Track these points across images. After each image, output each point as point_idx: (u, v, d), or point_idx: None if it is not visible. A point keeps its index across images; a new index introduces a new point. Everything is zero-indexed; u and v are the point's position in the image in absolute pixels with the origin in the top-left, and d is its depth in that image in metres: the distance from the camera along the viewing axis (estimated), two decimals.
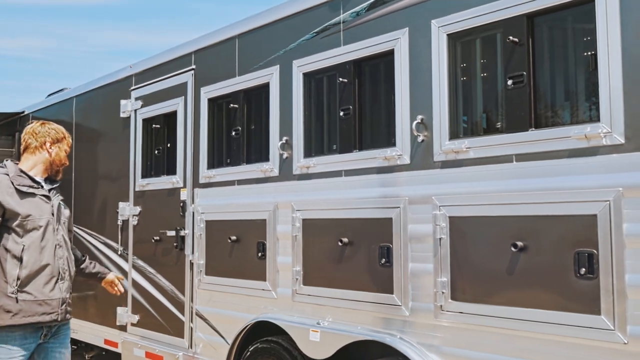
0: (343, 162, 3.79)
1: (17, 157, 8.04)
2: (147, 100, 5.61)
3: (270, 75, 4.33)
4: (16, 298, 3.11)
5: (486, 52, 3.20)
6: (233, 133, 4.63)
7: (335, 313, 3.78)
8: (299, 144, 4.09)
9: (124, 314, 5.71)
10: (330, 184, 3.85)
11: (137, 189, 5.68)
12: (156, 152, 5.50)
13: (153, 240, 5.36)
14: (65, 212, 3.48)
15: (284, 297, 4.12)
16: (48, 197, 3.33)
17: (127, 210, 5.76)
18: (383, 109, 3.71)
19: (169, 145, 5.40)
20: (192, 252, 4.93)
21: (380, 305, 3.51)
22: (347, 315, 3.71)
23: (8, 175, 3.24)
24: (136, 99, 5.75)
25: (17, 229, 3.19)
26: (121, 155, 5.92)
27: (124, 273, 5.79)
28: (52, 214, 3.31)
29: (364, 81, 3.79)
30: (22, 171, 3.31)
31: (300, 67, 4.11)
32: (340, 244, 3.72)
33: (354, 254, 3.67)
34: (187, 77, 5.12)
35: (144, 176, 5.62)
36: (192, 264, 4.95)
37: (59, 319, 3.24)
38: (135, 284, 5.62)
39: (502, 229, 2.98)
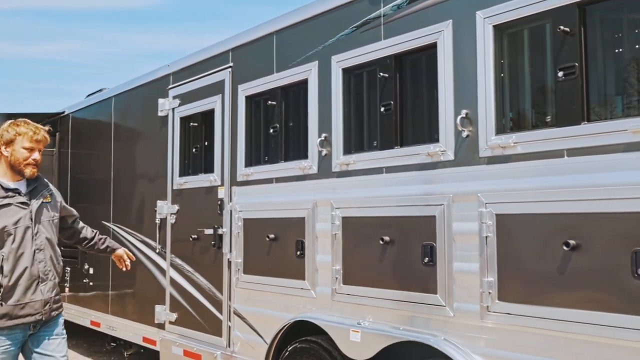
0: (384, 158, 3.70)
1: (58, 157, 8.18)
2: (185, 98, 5.61)
3: (309, 72, 4.27)
4: (1, 304, 3.28)
5: (535, 44, 3.08)
6: (271, 130, 4.59)
7: (376, 313, 3.70)
8: (338, 140, 4.02)
9: (162, 312, 5.73)
10: (371, 181, 3.77)
11: (174, 188, 5.68)
12: (194, 150, 5.50)
13: (191, 239, 5.36)
14: (49, 212, 3.53)
15: (323, 296, 4.06)
16: (26, 203, 3.40)
17: (165, 209, 5.77)
18: (425, 104, 3.62)
19: (206, 143, 5.39)
20: (230, 251, 4.91)
21: (423, 305, 3.42)
22: (388, 316, 3.63)
23: None
24: (174, 97, 5.76)
25: None
26: (159, 154, 5.94)
27: (162, 271, 5.81)
28: (31, 219, 3.39)
29: (406, 76, 3.69)
30: None
31: (340, 62, 4.04)
32: (381, 242, 3.63)
33: (395, 252, 3.59)
34: (225, 75, 5.09)
35: (181, 174, 5.63)
36: (229, 263, 4.93)
37: (44, 319, 3.41)
38: (173, 282, 5.63)
39: (553, 227, 2.85)
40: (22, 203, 3.40)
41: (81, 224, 3.99)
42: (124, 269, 4.06)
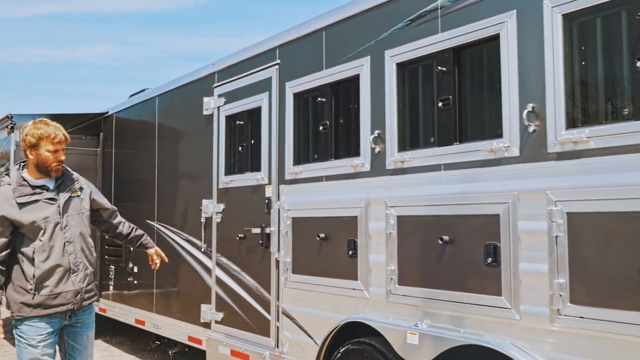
0: (442, 155, 3.58)
1: (102, 157, 8.23)
2: (230, 97, 5.57)
3: (361, 67, 4.17)
4: (34, 294, 3.46)
5: (608, 32, 2.93)
6: (320, 128, 4.50)
7: (434, 315, 3.58)
8: (392, 137, 3.91)
9: (208, 311, 5.69)
10: (428, 178, 3.65)
11: (220, 186, 5.64)
12: (240, 148, 5.45)
13: (237, 238, 5.31)
14: (79, 205, 3.66)
15: (377, 297, 3.95)
16: (53, 199, 3.55)
17: (211, 208, 5.74)
18: (487, 98, 3.48)
19: (252, 141, 5.33)
20: (278, 250, 4.84)
21: (486, 307, 3.29)
22: (447, 318, 3.51)
23: (10, 185, 3.54)
24: (219, 96, 5.72)
25: (27, 234, 3.51)
26: (204, 153, 5.91)
27: (208, 270, 5.78)
28: (59, 213, 3.54)
29: (465, 69, 3.57)
30: (24, 179, 3.55)
31: (393, 57, 3.93)
32: (440, 242, 3.51)
33: (455, 252, 3.46)
34: (272, 72, 5.03)
35: (227, 173, 5.58)
36: (277, 262, 4.86)
37: (75, 308, 3.58)
38: (219, 281, 5.59)
39: (631, 226, 2.70)
40: (50, 199, 3.56)
41: (118, 218, 4.09)
42: (153, 267, 4.21)
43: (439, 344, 3.47)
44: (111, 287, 7.82)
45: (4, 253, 3.49)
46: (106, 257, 7.98)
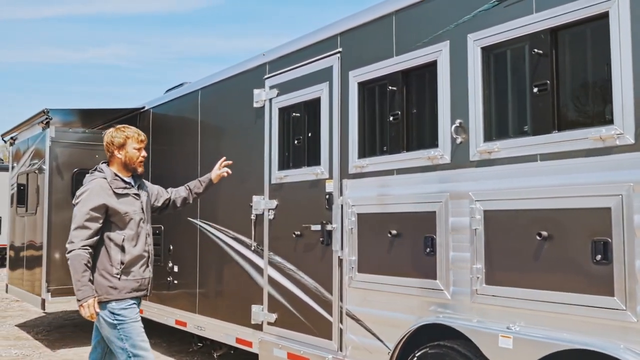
0: (538, 145, 3.32)
1: None
2: (284, 88, 5.33)
3: (438, 53, 3.92)
4: (119, 278, 3.85)
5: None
6: (391, 118, 4.25)
7: (529, 317, 3.32)
8: (477, 126, 3.65)
9: (259, 312, 5.46)
10: (522, 170, 3.39)
11: (273, 182, 5.41)
12: (295, 142, 5.21)
13: (294, 235, 5.07)
14: (149, 204, 4.19)
15: (459, 297, 3.69)
16: (138, 195, 4.04)
17: (262, 204, 5.50)
18: (590, 82, 3.22)
19: (310, 134, 5.09)
20: (341, 248, 4.59)
21: (595, 309, 3.02)
22: (545, 320, 3.24)
23: (106, 179, 3.92)
24: (271, 87, 5.49)
25: (118, 223, 3.90)
26: (254, 147, 5.68)
27: (259, 270, 5.54)
28: (142, 209, 4.03)
29: (564, 51, 3.30)
30: (116, 175, 3.99)
31: (478, 40, 3.67)
32: (538, 237, 3.25)
33: (556, 249, 3.20)
34: (333, 61, 4.79)
35: (281, 168, 5.35)
36: (340, 261, 4.61)
37: (147, 294, 4.09)
38: (271, 281, 5.35)
39: None
40: (136, 194, 4.04)
41: (173, 193, 4.58)
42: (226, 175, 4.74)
43: (538, 349, 3.20)
44: None
45: (95, 238, 3.83)
46: None
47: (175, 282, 6.98)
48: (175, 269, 6.99)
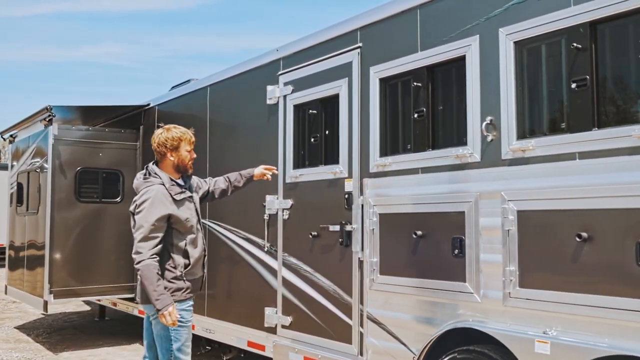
0: (577, 142, 3.19)
1: (142, 152, 7.86)
2: (299, 84, 5.19)
3: (467, 47, 3.79)
4: (184, 279, 3.90)
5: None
6: (415, 115, 4.12)
7: (566, 321, 3.19)
8: (509, 124, 3.53)
9: (273, 315, 5.31)
10: (559, 169, 3.26)
11: (287, 181, 5.27)
12: (312, 140, 5.07)
13: (310, 236, 4.93)
14: (198, 203, 4.18)
15: (491, 301, 3.56)
16: (191, 197, 4.05)
17: (276, 204, 5.36)
18: (633, 76, 3.09)
19: (327, 132, 4.95)
20: (362, 249, 4.46)
21: (638, 313, 2.90)
22: (583, 324, 3.12)
23: (164, 185, 3.88)
24: (285, 83, 5.35)
25: (180, 229, 3.91)
26: (266, 145, 5.54)
27: (272, 271, 5.40)
28: (196, 210, 4.07)
29: (604, 45, 3.18)
30: (172, 179, 3.96)
31: (510, 35, 3.55)
32: (578, 239, 3.12)
33: (596, 250, 3.07)
34: (352, 56, 4.65)
35: (296, 167, 5.20)
36: (361, 262, 4.48)
37: (200, 290, 4.14)
38: (286, 283, 5.21)
39: None
40: (190, 197, 4.04)
41: (212, 184, 4.48)
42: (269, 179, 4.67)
43: (578, 355, 3.08)
44: None
45: (160, 246, 3.81)
46: None
47: None
48: None
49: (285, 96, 5.33)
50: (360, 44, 4.61)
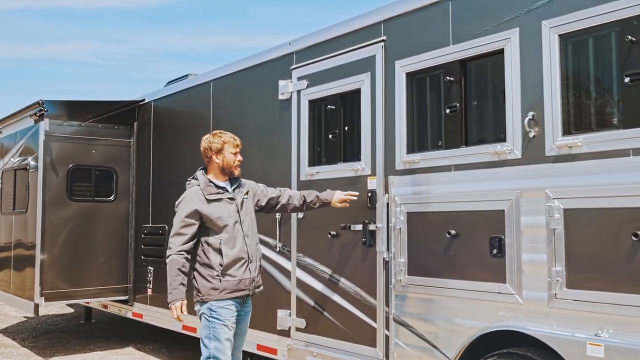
0: (631, 138, 3.09)
1: (136, 149, 7.58)
2: (315, 79, 5.02)
3: (506, 41, 3.67)
4: (220, 279, 3.97)
5: None
6: (447, 111, 3.99)
7: (618, 323, 3.09)
8: (554, 119, 3.41)
9: (286, 317, 5.13)
10: (611, 165, 3.15)
11: (302, 179, 5.09)
12: (330, 136, 4.90)
13: (329, 236, 4.76)
14: (249, 205, 4.21)
15: (534, 302, 3.45)
16: (232, 198, 4.12)
17: None
18: None
19: (346, 128, 4.79)
20: (387, 249, 4.31)
21: None
22: (637, 326, 3.02)
23: (199, 186, 4.10)
24: (299, 78, 5.17)
25: (214, 228, 4.03)
26: (278, 142, 5.35)
27: (285, 272, 5.22)
28: (237, 211, 4.10)
29: None
30: (210, 181, 4.12)
31: (555, 27, 3.43)
32: (634, 238, 3.02)
33: None
34: (375, 50, 4.50)
35: (311, 164, 5.03)
36: (386, 263, 4.33)
37: (250, 294, 4.12)
38: (301, 285, 5.04)
39: None
40: (230, 198, 4.12)
41: (285, 197, 4.46)
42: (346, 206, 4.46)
43: (634, 357, 2.97)
44: (150, 290, 7.18)
45: (191, 243, 3.99)
46: (143, 257, 7.34)
47: None
48: None
49: (299, 91, 5.15)
50: (384, 37, 4.46)
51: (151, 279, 7.17)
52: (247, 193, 4.24)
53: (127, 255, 7.55)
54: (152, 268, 7.15)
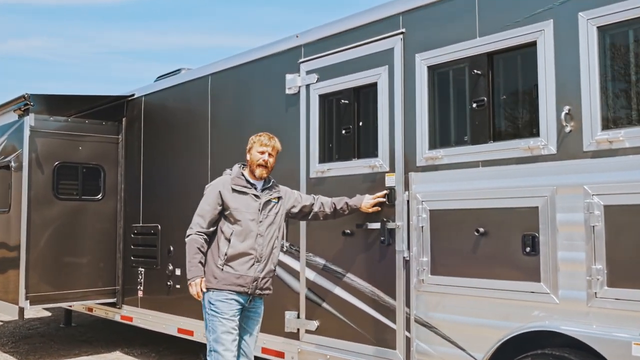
0: None
1: (125, 146, 7.30)
2: (326, 72, 4.86)
3: (539, 33, 3.57)
4: (221, 269, 4.03)
5: None
6: (474, 105, 3.87)
7: None
8: (593, 113, 3.33)
9: (294, 319, 4.96)
10: None
11: (312, 176, 4.92)
12: (343, 131, 4.74)
13: (343, 235, 4.61)
14: (275, 209, 4.20)
15: (572, 301, 3.35)
16: (257, 196, 4.16)
17: None
18: None
19: (361, 123, 4.65)
20: (408, 248, 4.17)
21: None
22: None
23: (230, 175, 4.24)
24: (308, 72, 5.00)
25: (230, 217, 4.11)
26: (284, 138, 5.09)
27: (293, 272, 5.05)
28: (258, 209, 4.13)
29: None
30: (242, 174, 4.23)
31: (592, 19, 3.35)
32: None
33: None
34: (394, 43, 4.36)
35: (322, 161, 4.87)
36: (406, 262, 4.19)
37: (249, 293, 4.07)
38: (311, 285, 4.87)
39: None
40: (255, 195, 4.17)
41: (318, 204, 4.43)
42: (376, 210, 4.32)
43: None
44: (140, 292, 6.91)
45: (212, 229, 4.13)
46: (132, 258, 7.06)
47: (178, 286, 6.35)
48: (178, 272, 6.36)
49: (308, 85, 4.99)
50: (403, 30, 4.32)
51: (142, 280, 6.90)
52: (278, 199, 4.27)
53: (115, 256, 7.25)
54: (143, 269, 6.89)
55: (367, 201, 4.32)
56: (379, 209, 4.31)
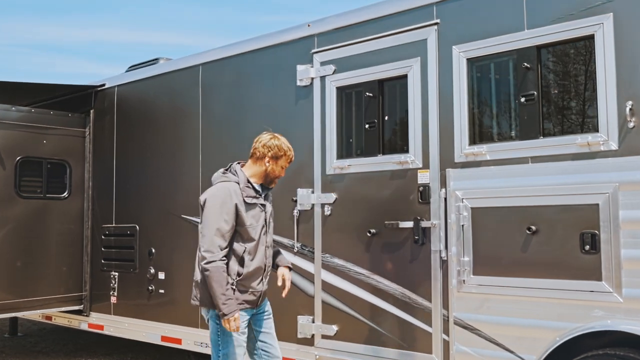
0: None
1: (92, 140, 6.74)
2: (345, 64, 4.62)
3: (598, 26, 3.49)
4: (234, 289, 3.59)
5: None
6: (522, 99, 3.75)
7: None
8: None
9: (309, 324, 4.68)
10: None
11: (329, 172, 4.66)
12: (367, 126, 4.51)
13: (368, 234, 4.38)
14: (272, 215, 3.85)
15: (637, 300, 3.29)
16: (264, 205, 3.74)
17: (312, 199, 4.74)
18: None
19: (386, 117, 4.44)
20: (446, 247, 4.00)
21: None
22: None
23: (239, 184, 3.66)
24: (323, 63, 4.74)
25: (242, 234, 3.64)
26: (294, 133, 4.85)
27: (306, 275, 4.77)
28: (265, 220, 3.74)
29: None
30: (249, 181, 3.70)
31: None
32: None
33: None
34: (427, 34, 4.19)
35: (341, 156, 4.62)
36: (443, 262, 4.02)
37: (258, 304, 3.77)
38: (328, 288, 4.61)
39: None
40: (262, 205, 3.74)
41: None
42: (283, 295, 3.88)
43: None
44: (113, 298, 6.39)
45: (227, 248, 3.59)
46: (103, 261, 6.52)
47: (162, 291, 5.90)
48: (161, 275, 5.91)
49: (323, 77, 4.72)
50: (437, 20, 4.15)
51: (116, 285, 6.38)
52: (271, 203, 3.87)
53: (81, 260, 6.67)
54: (116, 273, 6.37)
55: (282, 270, 3.88)
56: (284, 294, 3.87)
